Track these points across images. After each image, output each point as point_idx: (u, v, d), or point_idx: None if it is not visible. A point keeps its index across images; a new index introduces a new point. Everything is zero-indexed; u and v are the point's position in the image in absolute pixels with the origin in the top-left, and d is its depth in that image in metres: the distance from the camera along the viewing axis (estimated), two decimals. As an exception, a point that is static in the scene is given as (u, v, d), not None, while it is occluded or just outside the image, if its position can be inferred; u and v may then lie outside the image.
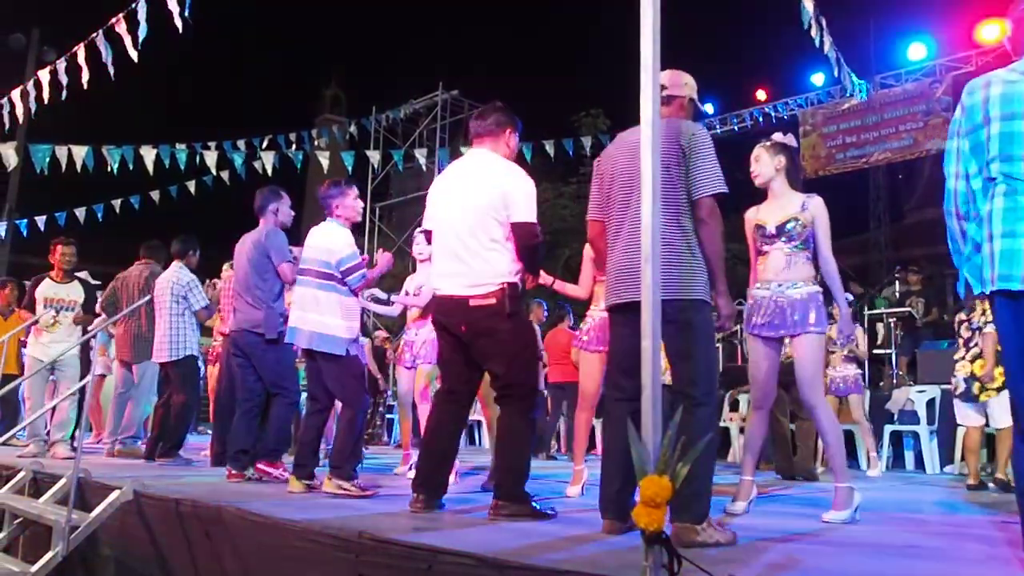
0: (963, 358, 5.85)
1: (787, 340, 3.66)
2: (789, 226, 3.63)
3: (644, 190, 2.01)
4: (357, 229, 5.64)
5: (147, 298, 6.11)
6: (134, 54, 5.62)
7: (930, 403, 8.03)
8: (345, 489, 3.85)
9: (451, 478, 4.53)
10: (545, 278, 4.14)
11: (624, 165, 2.99)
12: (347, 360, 4.16)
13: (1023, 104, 2.29)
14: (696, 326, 2.79)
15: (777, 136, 3.90)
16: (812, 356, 3.57)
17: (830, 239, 3.67)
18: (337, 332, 4.12)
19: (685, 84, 3.14)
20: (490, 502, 3.26)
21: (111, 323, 6.39)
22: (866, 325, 9.19)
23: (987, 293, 2.27)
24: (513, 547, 2.43)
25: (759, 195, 3.86)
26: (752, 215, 3.80)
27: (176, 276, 6.18)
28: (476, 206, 3.36)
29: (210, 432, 6.63)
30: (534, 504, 3.26)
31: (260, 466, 4.68)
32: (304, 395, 5.40)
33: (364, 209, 4.54)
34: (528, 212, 3.36)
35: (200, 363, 6.47)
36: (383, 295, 5.66)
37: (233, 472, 4.73)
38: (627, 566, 1.97)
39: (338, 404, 4.37)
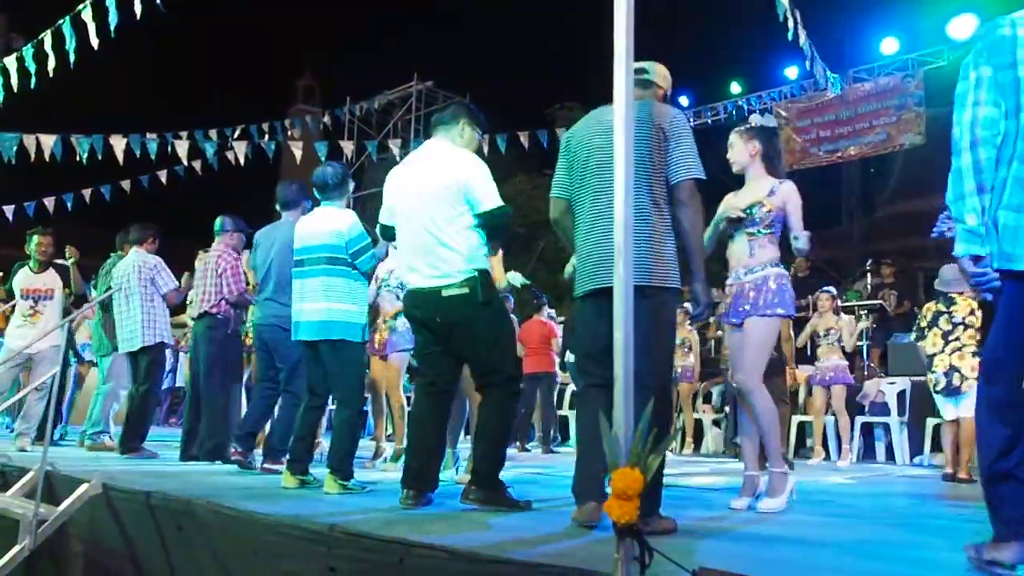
0: (942, 351, 5.79)
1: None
2: (752, 210, 3.58)
3: (618, 183, 2.01)
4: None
5: (112, 291, 6.02)
6: (95, 42, 5.51)
7: (901, 395, 8.11)
8: (348, 489, 3.78)
9: (449, 472, 4.53)
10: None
11: (599, 144, 2.95)
12: (356, 349, 4.03)
13: None
14: (662, 314, 2.78)
15: (754, 118, 3.86)
16: (758, 339, 3.50)
17: (801, 219, 3.60)
18: (348, 317, 3.96)
19: (664, 77, 3.14)
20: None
21: (81, 313, 6.29)
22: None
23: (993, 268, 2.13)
24: (485, 540, 2.44)
25: (734, 188, 3.85)
26: (728, 199, 3.76)
27: (141, 260, 6.05)
28: (436, 196, 3.32)
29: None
30: (509, 493, 3.26)
31: (266, 465, 4.66)
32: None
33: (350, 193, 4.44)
34: (493, 196, 3.33)
35: (169, 353, 6.40)
36: None
37: (238, 451, 4.74)
38: (599, 558, 1.97)
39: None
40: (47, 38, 6.14)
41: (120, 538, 3.56)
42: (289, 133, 13.55)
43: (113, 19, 5.74)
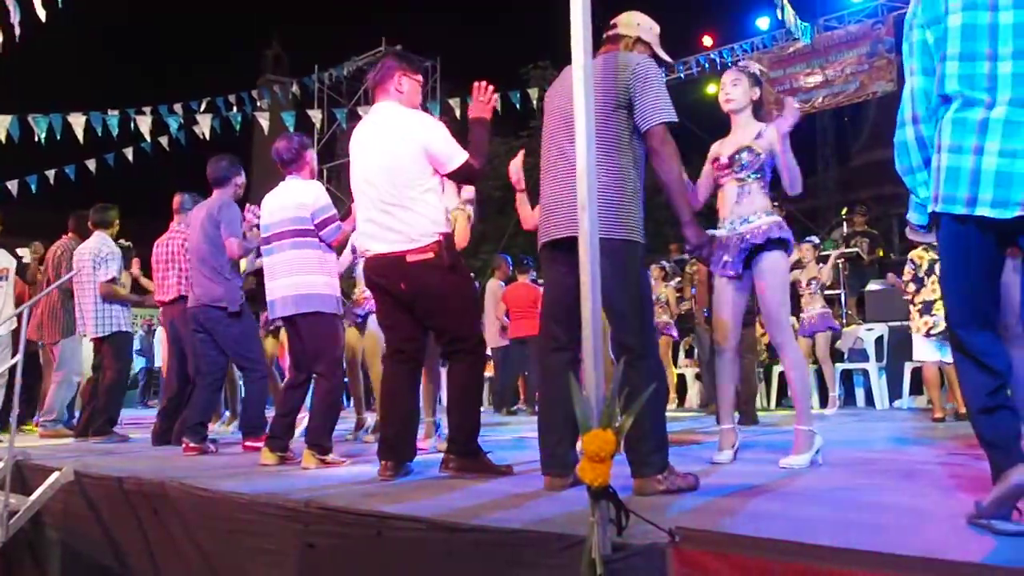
0: (939, 298, 5.75)
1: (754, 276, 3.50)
2: (741, 155, 3.51)
3: (579, 136, 1.94)
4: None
5: (71, 274, 5.89)
6: (42, 14, 5.30)
7: (879, 340, 8.21)
8: (327, 463, 3.73)
9: (431, 441, 4.50)
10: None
11: (558, 103, 2.90)
12: (331, 320, 3.97)
13: None
14: (629, 268, 2.68)
15: (752, 64, 3.78)
16: (774, 281, 3.40)
17: (792, 155, 3.50)
18: (320, 289, 3.91)
19: (637, 24, 2.99)
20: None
21: (36, 301, 6.14)
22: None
23: (934, 211, 2.10)
24: (463, 507, 2.40)
25: (707, 141, 3.77)
26: (715, 147, 3.68)
27: (99, 246, 5.92)
28: (394, 161, 3.23)
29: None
30: (488, 459, 3.24)
31: (248, 444, 4.60)
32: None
33: (312, 162, 4.33)
34: (456, 154, 3.26)
35: (138, 336, 6.30)
36: None
37: (190, 445, 4.63)
38: (576, 521, 1.94)
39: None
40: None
41: (96, 524, 3.50)
42: (258, 104, 13.27)
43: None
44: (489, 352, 9.47)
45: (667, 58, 3.08)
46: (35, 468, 3.86)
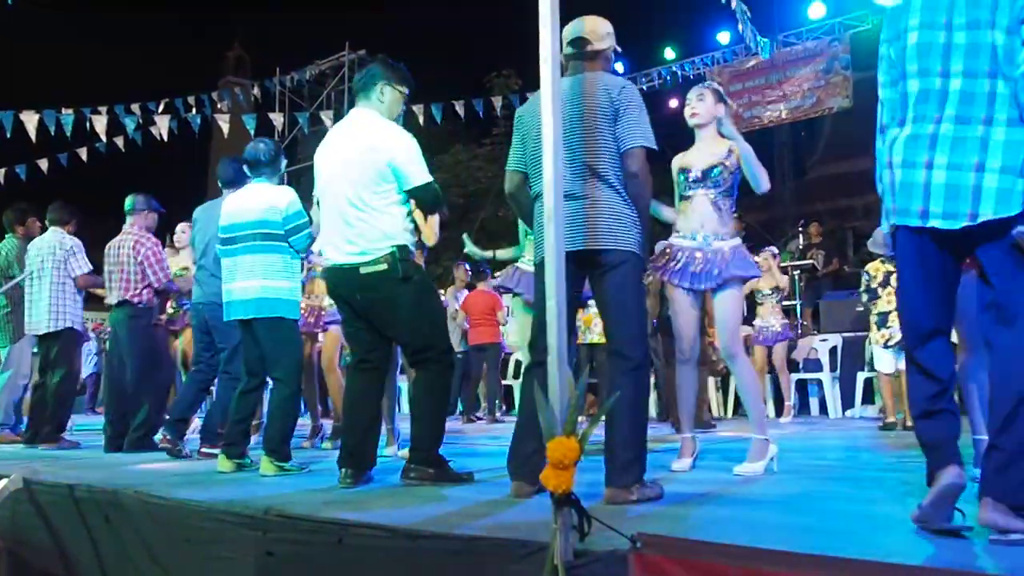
0: (894, 309, 5.82)
1: (708, 291, 3.58)
2: (715, 172, 3.57)
3: (546, 151, 1.96)
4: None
5: (26, 273, 5.74)
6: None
7: (832, 351, 8.38)
8: (285, 470, 3.68)
9: (393, 449, 4.47)
10: None
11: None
12: (292, 326, 3.94)
13: (945, 13, 2.11)
14: (632, 281, 2.77)
15: (717, 85, 3.89)
16: (735, 305, 3.58)
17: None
18: (284, 295, 3.86)
19: (607, 34, 3.02)
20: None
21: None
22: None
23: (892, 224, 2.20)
24: (426, 514, 2.40)
25: (675, 152, 3.82)
26: (678, 160, 3.75)
27: (58, 241, 5.77)
28: (360, 171, 3.22)
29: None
30: (450, 468, 3.23)
31: (204, 450, 4.52)
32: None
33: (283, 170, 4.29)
34: (421, 173, 3.25)
35: (93, 337, 6.16)
36: None
37: (168, 439, 4.57)
38: (539, 528, 1.95)
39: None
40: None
41: (46, 533, 3.40)
42: (218, 106, 13.08)
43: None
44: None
45: (616, 68, 3.14)
46: (-19, 476, 3.74)
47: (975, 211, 2.01)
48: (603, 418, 1.83)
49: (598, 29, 2.99)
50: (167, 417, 4.88)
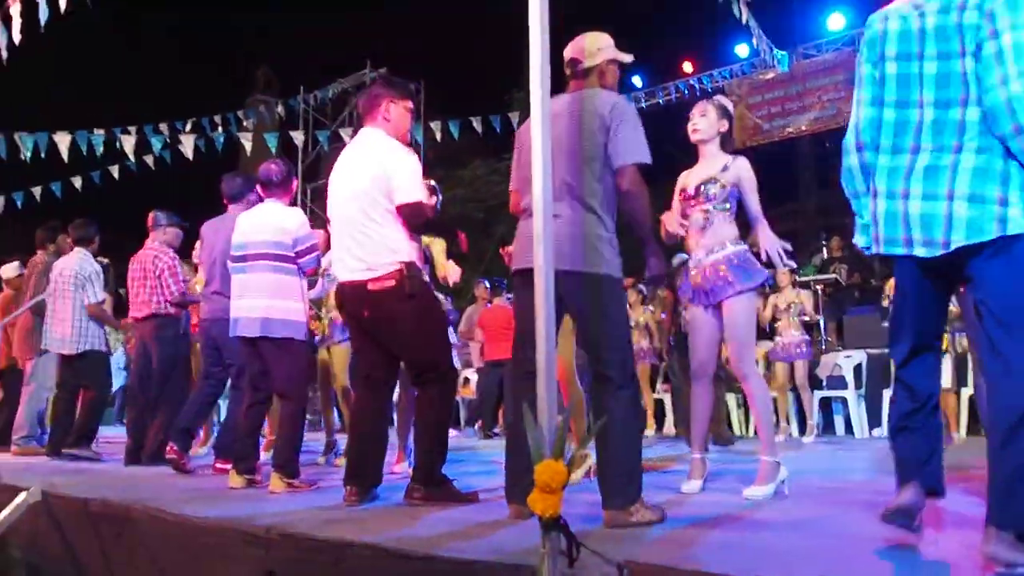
0: None
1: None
2: (707, 187, 3.55)
3: (536, 170, 1.98)
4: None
5: (46, 293, 5.88)
6: (18, 38, 5.31)
7: (857, 368, 8.14)
8: (295, 486, 3.73)
9: (403, 465, 4.50)
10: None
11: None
12: (301, 347, 4.01)
13: (917, 44, 2.15)
14: (609, 302, 2.74)
15: (722, 99, 3.85)
16: (740, 319, 3.45)
17: (757, 196, 3.57)
18: (295, 316, 3.95)
19: (598, 49, 2.98)
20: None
21: (15, 316, 6.13)
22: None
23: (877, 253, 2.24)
24: (422, 535, 2.41)
25: (694, 165, 3.80)
26: (682, 178, 3.74)
27: (80, 264, 5.93)
28: (362, 188, 3.28)
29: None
30: (453, 487, 3.24)
31: (218, 465, 4.58)
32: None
33: (295, 190, 4.37)
34: (411, 191, 3.27)
35: (122, 351, 6.28)
36: None
37: (175, 450, 4.64)
38: (532, 552, 1.95)
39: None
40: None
41: (61, 546, 3.48)
42: (244, 124, 13.30)
43: (44, 14, 5.57)
44: (475, 375, 9.48)
45: (628, 58, 3.06)
46: (3, 487, 3.83)
47: (947, 239, 2.05)
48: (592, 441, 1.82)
49: (587, 46, 2.98)
50: (173, 428, 4.93)
